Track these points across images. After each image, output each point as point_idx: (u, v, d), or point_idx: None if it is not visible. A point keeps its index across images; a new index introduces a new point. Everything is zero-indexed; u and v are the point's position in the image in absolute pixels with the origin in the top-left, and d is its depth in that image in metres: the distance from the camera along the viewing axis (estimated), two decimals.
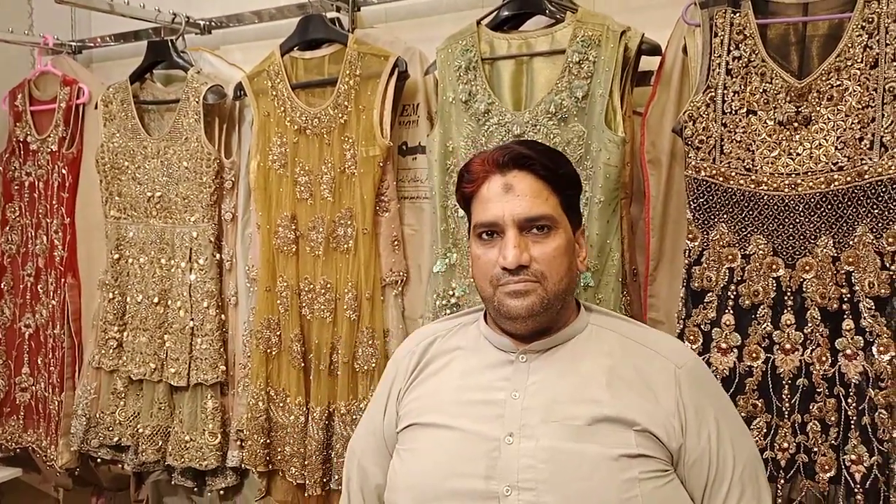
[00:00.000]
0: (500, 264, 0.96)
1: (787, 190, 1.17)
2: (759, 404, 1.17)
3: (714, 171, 1.21)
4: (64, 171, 1.96)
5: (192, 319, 1.72)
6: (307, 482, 1.55)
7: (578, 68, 1.31)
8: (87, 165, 1.94)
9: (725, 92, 1.22)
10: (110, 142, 1.84)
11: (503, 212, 0.97)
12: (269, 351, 1.62)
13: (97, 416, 1.86)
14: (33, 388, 2.02)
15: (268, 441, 1.62)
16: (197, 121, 1.71)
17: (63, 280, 1.95)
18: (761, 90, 1.20)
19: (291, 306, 1.59)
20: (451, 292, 1.45)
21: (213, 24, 1.92)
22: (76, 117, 1.97)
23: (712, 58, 1.23)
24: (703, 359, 1.20)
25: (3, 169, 2.09)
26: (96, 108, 1.90)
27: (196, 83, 1.72)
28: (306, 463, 1.55)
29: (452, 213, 1.44)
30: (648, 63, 1.38)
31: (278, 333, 1.62)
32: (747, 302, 1.19)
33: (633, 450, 0.91)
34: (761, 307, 1.18)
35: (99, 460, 1.90)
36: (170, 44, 1.80)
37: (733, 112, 1.21)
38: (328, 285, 1.56)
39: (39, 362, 2.01)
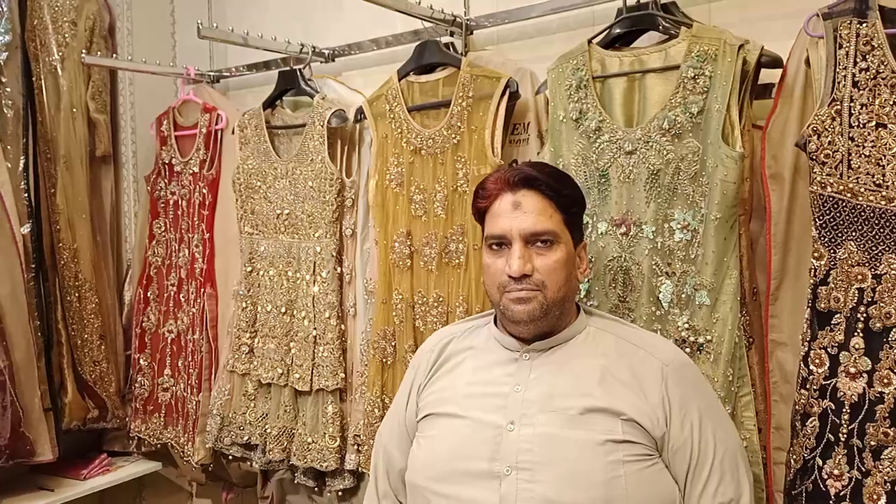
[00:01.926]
0: (506, 272, 1.10)
1: None
2: (892, 433, 1.10)
3: (841, 187, 1.17)
4: (204, 191, 2.15)
5: (315, 329, 1.83)
6: None
7: (693, 83, 1.30)
8: (225, 185, 2.11)
9: (852, 105, 1.16)
10: (245, 164, 2.00)
11: (511, 226, 1.11)
12: (384, 360, 1.70)
13: (230, 415, 2.01)
14: (174, 388, 2.20)
15: None
16: (321, 143, 1.83)
17: (203, 290, 2.13)
18: (892, 102, 1.14)
19: (406, 318, 1.66)
20: None
21: (336, 52, 2.05)
22: (215, 141, 2.15)
23: (837, 70, 1.18)
24: (829, 384, 1.15)
25: (150, 189, 2.31)
26: (233, 133, 2.07)
27: (321, 108, 1.85)
28: None
29: None
30: (769, 76, 1.35)
31: (393, 344, 1.69)
32: (878, 325, 1.13)
33: (618, 436, 1.04)
34: (894, 330, 1.12)
35: (230, 457, 2.05)
36: (298, 72, 1.94)
37: (861, 126, 1.16)
38: (440, 298, 1.62)
39: (180, 365, 2.19)
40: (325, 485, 1.87)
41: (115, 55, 2.33)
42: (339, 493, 1.85)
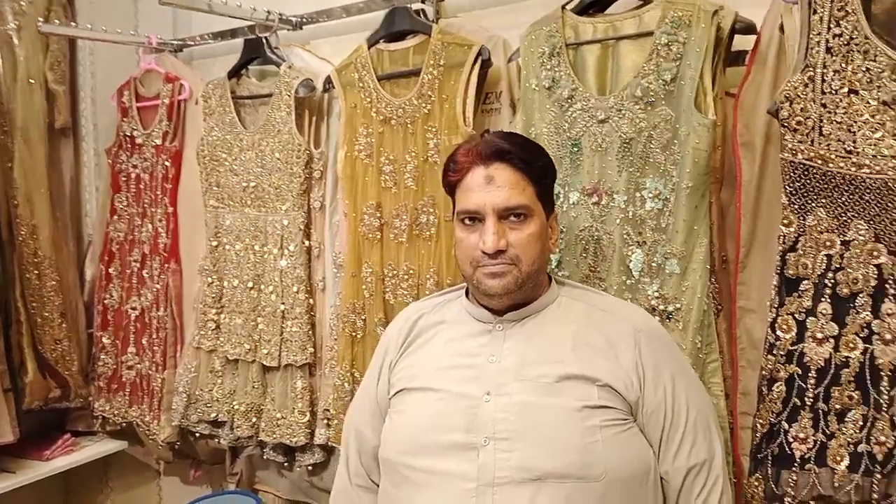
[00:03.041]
0: (480, 248, 1.09)
1: (890, 173, 1.10)
2: (856, 396, 1.11)
3: (812, 154, 1.16)
4: (167, 164, 2.09)
5: (283, 303, 1.80)
6: None
7: (667, 50, 1.28)
8: (189, 158, 2.05)
9: (825, 71, 1.16)
10: (210, 135, 1.95)
11: (484, 201, 1.09)
12: (354, 334, 1.67)
13: (196, 393, 1.97)
14: (138, 366, 2.15)
15: None
16: (289, 114, 1.78)
17: (167, 265, 2.08)
18: (864, 69, 1.13)
19: (376, 291, 1.64)
20: None
21: (304, 20, 1.99)
22: (178, 112, 2.09)
23: (811, 35, 1.17)
24: (796, 349, 1.16)
25: (111, 162, 2.23)
26: (197, 103, 2.01)
27: (288, 78, 1.80)
28: None
29: None
30: (742, 42, 1.34)
31: (363, 317, 1.67)
32: (846, 290, 1.13)
33: (594, 402, 1.04)
34: (860, 295, 1.12)
35: (197, 435, 2.01)
36: (264, 41, 1.89)
37: (833, 92, 1.15)
38: (411, 271, 1.59)
39: (144, 342, 2.14)
40: (294, 460, 1.85)
41: (74, 23, 2.23)
42: (310, 468, 1.83)
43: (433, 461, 1.07)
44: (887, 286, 1.10)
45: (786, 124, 1.19)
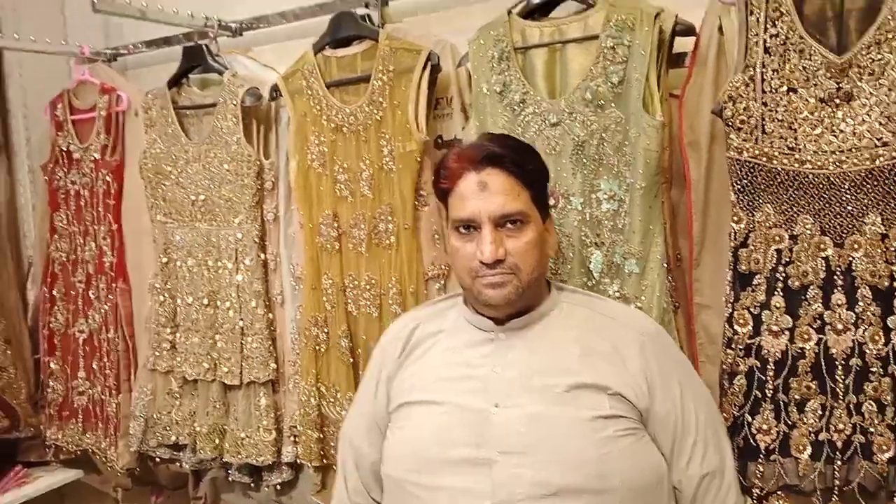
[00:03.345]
0: (477, 258, 1.05)
1: (832, 168, 1.15)
2: (813, 386, 1.16)
3: (757, 152, 1.20)
4: (108, 179, 2.01)
5: (242, 319, 1.76)
6: None
7: (613, 53, 1.30)
8: (131, 172, 1.97)
9: (764, 70, 1.19)
10: (152, 148, 1.89)
11: (479, 209, 1.06)
12: (317, 348, 1.65)
13: (154, 416, 1.91)
14: (90, 391, 2.07)
15: (321, 436, 1.66)
16: (236, 123, 1.74)
17: (114, 285, 2.00)
18: (801, 67, 1.17)
19: (338, 303, 1.62)
20: None
21: (243, 26, 1.95)
22: (116, 125, 2.00)
23: (749, 36, 1.21)
24: (754, 342, 1.20)
25: (48, 178, 2.14)
26: (137, 115, 1.94)
27: (233, 86, 1.75)
28: None
29: None
30: (682, 44, 1.37)
31: (326, 330, 1.65)
32: (797, 283, 1.18)
33: (606, 411, 1.02)
34: (811, 288, 1.17)
35: (158, 459, 1.96)
36: (204, 48, 1.83)
37: (774, 91, 1.19)
38: (373, 281, 1.58)
39: (95, 366, 2.06)
40: (261, 480, 1.82)
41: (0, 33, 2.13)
42: (278, 487, 1.80)
43: (440, 477, 1.03)
44: (835, 278, 1.15)
45: (730, 123, 1.22)
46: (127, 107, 2.00)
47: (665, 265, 1.30)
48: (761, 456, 1.19)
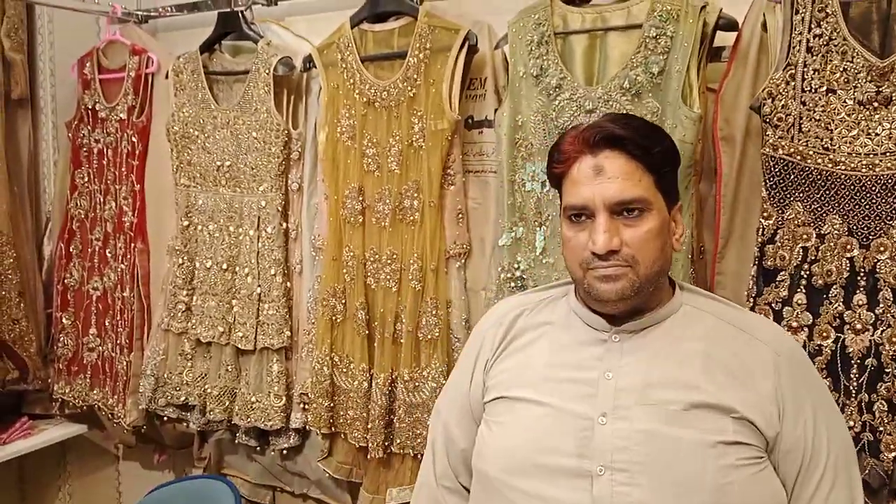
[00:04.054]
0: (589, 249, 0.95)
1: (864, 170, 1.17)
2: (828, 383, 1.18)
3: (792, 150, 1.21)
4: (134, 139, 2.02)
5: (259, 286, 1.77)
6: (370, 445, 1.61)
7: (655, 43, 1.31)
8: (157, 133, 1.98)
9: (805, 70, 1.21)
10: (181, 111, 1.89)
11: (593, 195, 0.95)
12: (334, 318, 1.67)
13: (165, 376, 1.93)
14: (100, 348, 2.09)
15: (331, 405, 1.67)
16: (267, 92, 1.74)
17: (133, 245, 2.01)
18: (842, 69, 1.19)
19: (357, 275, 1.63)
20: (516, 266, 1.47)
21: None
22: (145, 86, 2.01)
23: (793, 35, 1.22)
24: None
25: (72, 136, 2.14)
26: (167, 77, 1.94)
27: (266, 55, 1.75)
28: (369, 427, 1.61)
29: (520, 187, 1.46)
30: (721, 39, 1.37)
31: (343, 301, 1.66)
32: (820, 281, 1.19)
33: (729, 437, 0.90)
34: (834, 287, 1.18)
35: (165, 419, 1.97)
36: (240, 15, 1.83)
37: (813, 90, 1.20)
38: (394, 256, 1.59)
39: (107, 324, 2.07)
40: (268, 444, 1.83)
41: None
42: (284, 452, 1.82)
43: (539, 485, 0.95)
44: (859, 278, 1.17)
45: (767, 120, 1.23)
46: (157, 69, 2.01)
47: (689, 256, 1.31)
48: None
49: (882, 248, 1.16)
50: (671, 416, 0.92)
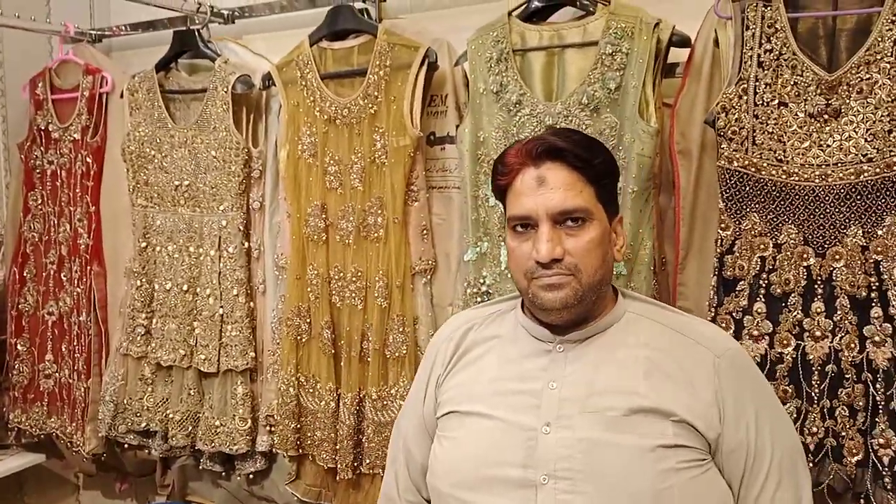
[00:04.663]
0: (533, 258, 0.97)
1: (817, 181, 1.20)
2: (790, 390, 1.20)
3: (746, 162, 1.24)
4: (88, 160, 1.97)
5: (222, 307, 1.74)
6: (338, 466, 1.58)
7: (611, 60, 1.33)
8: (112, 154, 1.94)
9: (757, 84, 1.24)
10: (136, 130, 1.85)
11: (536, 205, 0.98)
12: (299, 338, 1.64)
13: (125, 402, 1.88)
14: (57, 374, 2.03)
15: (298, 426, 1.65)
16: (225, 110, 1.72)
17: (89, 268, 1.96)
18: (792, 82, 1.22)
19: (321, 294, 1.61)
20: (481, 281, 1.47)
21: (235, 13, 1.93)
22: (100, 106, 1.97)
23: (744, 50, 1.25)
24: None
25: (24, 157, 2.09)
26: (121, 96, 1.91)
27: (224, 73, 1.73)
28: (337, 447, 1.58)
29: (483, 202, 1.46)
30: (675, 55, 1.40)
31: (308, 321, 1.64)
32: (778, 290, 1.22)
33: (669, 440, 0.92)
34: (792, 295, 1.21)
35: (126, 446, 1.92)
36: (197, 33, 1.81)
37: (765, 104, 1.23)
38: (359, 273, 1.58)
39: (64, 349, 2.02)
40: (233, 469, 1.80)
41: None
42: (250, 476, 1.78)
43: (487, 497, 0.96)
44: (816, 286, 1.19)
45: (722, 133, 1.26)
46: (111, 89, 1.97)
47: (651, 268, 1.33)
48: None
49: (837, 257, 1.19)
50: (611, 423, 0.94)
